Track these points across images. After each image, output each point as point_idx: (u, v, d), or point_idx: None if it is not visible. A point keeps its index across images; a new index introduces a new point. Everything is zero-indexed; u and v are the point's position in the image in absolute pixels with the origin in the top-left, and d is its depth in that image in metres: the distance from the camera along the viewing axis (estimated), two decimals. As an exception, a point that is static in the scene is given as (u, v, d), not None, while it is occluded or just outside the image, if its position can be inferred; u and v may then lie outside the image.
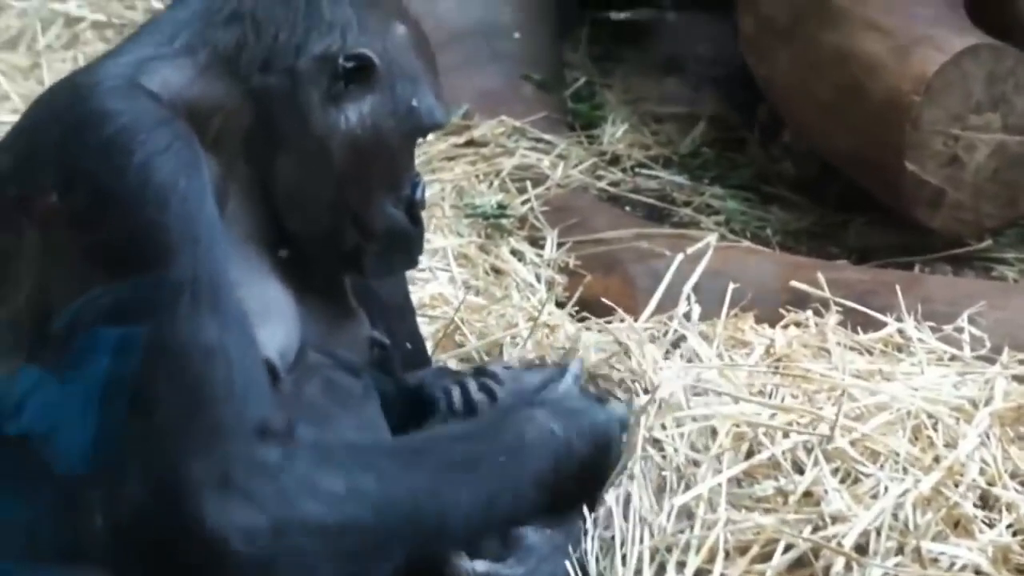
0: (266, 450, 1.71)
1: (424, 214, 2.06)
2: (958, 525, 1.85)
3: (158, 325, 1.70)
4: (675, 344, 2.29)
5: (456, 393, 2.07)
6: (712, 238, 2.59)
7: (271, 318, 1.92)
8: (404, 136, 2.03)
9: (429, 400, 2.10)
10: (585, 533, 1.93)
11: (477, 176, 3.20)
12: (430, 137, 2.46)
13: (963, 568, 1.79)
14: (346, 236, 2.00)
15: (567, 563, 1.89)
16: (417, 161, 2.16)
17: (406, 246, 2.07)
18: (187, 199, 1.77)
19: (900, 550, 1.80)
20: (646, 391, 2.10)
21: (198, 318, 1.71)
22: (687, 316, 2.34)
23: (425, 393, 2.12)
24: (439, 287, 2.63)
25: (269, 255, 1.97)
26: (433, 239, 2.66)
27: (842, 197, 2.95)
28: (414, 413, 2.11)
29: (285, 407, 1.80)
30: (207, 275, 1.75)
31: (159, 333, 1.70)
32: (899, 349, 2.22)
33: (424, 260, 2.32)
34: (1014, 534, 1.84)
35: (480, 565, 1.85)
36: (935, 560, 1.79)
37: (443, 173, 3.06)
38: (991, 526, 1.85)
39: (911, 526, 1.82)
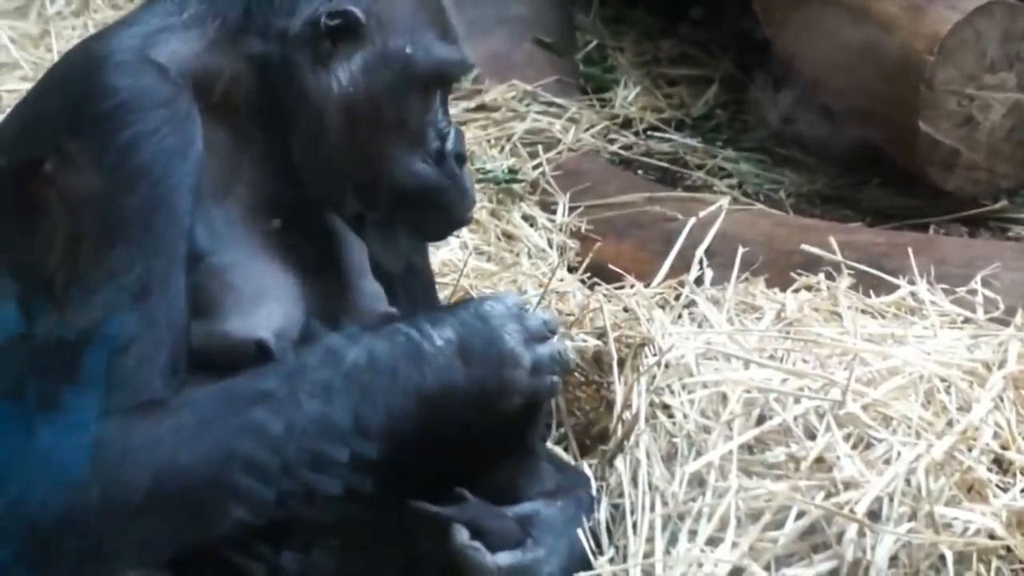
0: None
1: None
2: (972, 490, 1.85)
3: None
4: (687, 308, 2.28)
5: None
6: (724, 201, 2.59)
7: (269, 298, 1.92)
8: (409, 87, 1.99)
9: None
10: (596, 502, 1.93)
11: (488, 141, 3.20)
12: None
13: (977, 533, 1.78)
14: (374, 201, 1.99)
15: (581, 535, 1.88)
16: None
17: (444, 203, 2.03)
18: (158, 185, 1.79)
19: (913, 515, 1.79)
20: (652, 355, 2.09)
21: (121, 303, 1.74)
22: (698, 281, 2.34)
23: None
24: (449, 253, 2.63)
25: (281, 229, 1.96)
26: None
27: (856, 158, 2.92)
28: None
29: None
30: (147, 266, 1.76)
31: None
32: (912, 312, 2.21)
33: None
34: None
35: (503, 557, 1.84)
36: (948, 525, 1.78)
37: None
38: (1005, 490, 1.85)
39: (924, 491, 1.81)
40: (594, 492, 1.95)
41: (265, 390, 1.76)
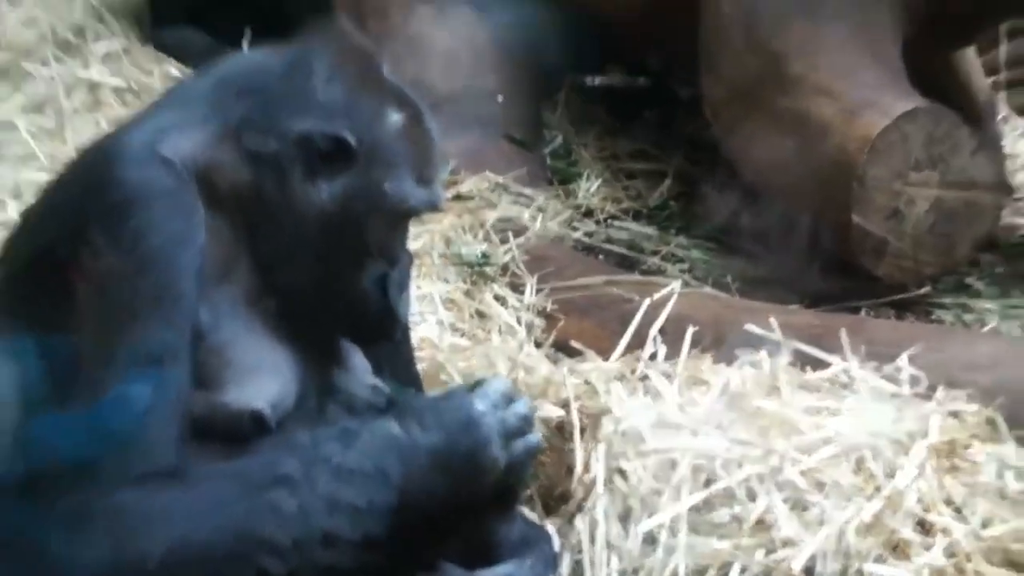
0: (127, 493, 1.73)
1: (416, 262, 2.08)
2: (897, 548, 1.88)
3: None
4: (641, 381, 2.30)
5: None
6: (676, 285, 2.60)
7: (265, 372, 1.92)
8: (377, 218, 2.01)
9: None
10: (559, 558, 1.93)
11: (463, 227, 3.19)
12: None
13: None
14: (326, 303, 2.01)
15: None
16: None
17: (375, 323, 2.04)
18: (164, 270, 1.81)
19: (844, 572, 1.83)
20: (609, 425, 2.11)
21: (133, 378, 1.75)
22: (652, 357, 2.37)
23: None
24: (427, 330, 2.62)
25: (271, 309, 1.98)
26: (422, 285, 2.69)
27: (795, 247, 2.95)
28: None
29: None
30: (156, 343, 1.78)
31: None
32: (844, 387, 2.24)
33: (414, 305, 2.34)
34: (949, 556, 1.86)
35: None
36: None
37: (432, 224, 3.06)
38: (927, 549, 1.87)
39: (853, 550, 1.85)
40: (557, 549, 1.93)
41: (282, 474, 1.77)
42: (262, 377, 1.92)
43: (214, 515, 1.73)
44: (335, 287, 2.01)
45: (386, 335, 2.09)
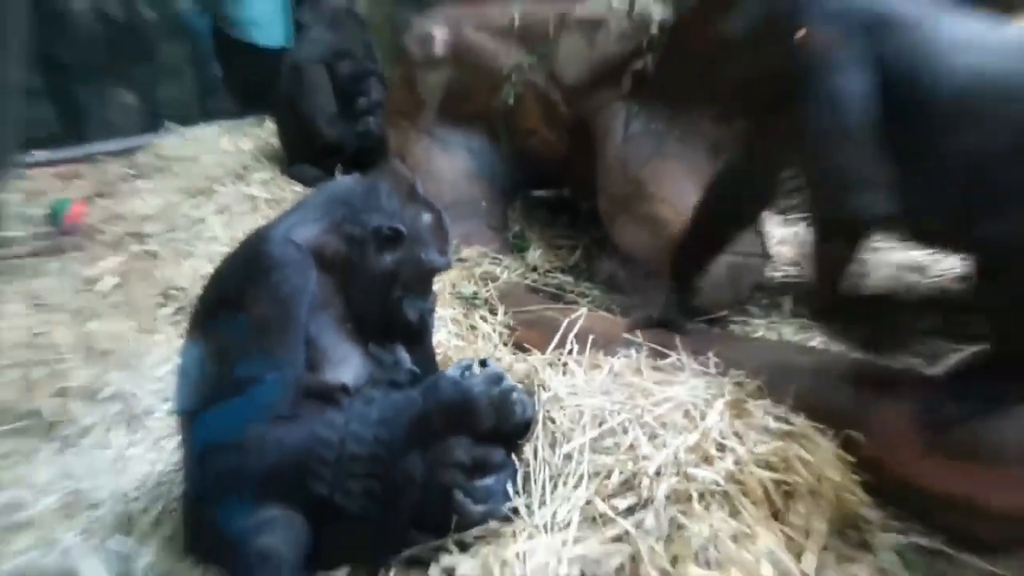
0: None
1: (436, 298, 2.12)
2: (707, 460, 1.87)
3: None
4: (564, 366, 2.28)
5: None
6: (583, 311, 2.56)
7: (347, 362, 1.93)
8: (417, 274, 2.03)
9: None
10: (516, 471, 1.92)
11: (463, 277, 3.18)
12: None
13: (708, 482, 1.81)
14: (384, 321, 2.00)
15: (508, 483, 1.88)
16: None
17: (417, 334, 2.07)
18: (290, 305, 1.83)
19: (677, 474, 1.82)
20: (545, 391, 2.09)
21: (274, 374, 1.79)
22: (569, 352, 2.35)
23: None
24: (441, 337, 2.62)
25: (353, 328, 1.97)
26: (439, 311, 2.63)
27: (650, 289, 2.91)
28: None
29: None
30: (285, 347, 1.82)
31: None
32: (677, 369, 2.21)
33: (436, 321, 2.35)
34: (735, 464, 1.86)
35: (480, 507, 1.83)
36: (694, 479, 1.81)
37: (445, 276, 3.05)
38: (723, 460, 1.87)
39: (683, 461, 1.84)
40: (517, 467, 1.92)
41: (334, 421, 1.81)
42: (345, 365, 1.93)
43: (301, 438, 1.78)
44: (391, 312, 2.00)
45: (420, 340, 2.10)
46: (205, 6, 5.90)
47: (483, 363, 1.97)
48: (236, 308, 1.86)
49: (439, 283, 2.97)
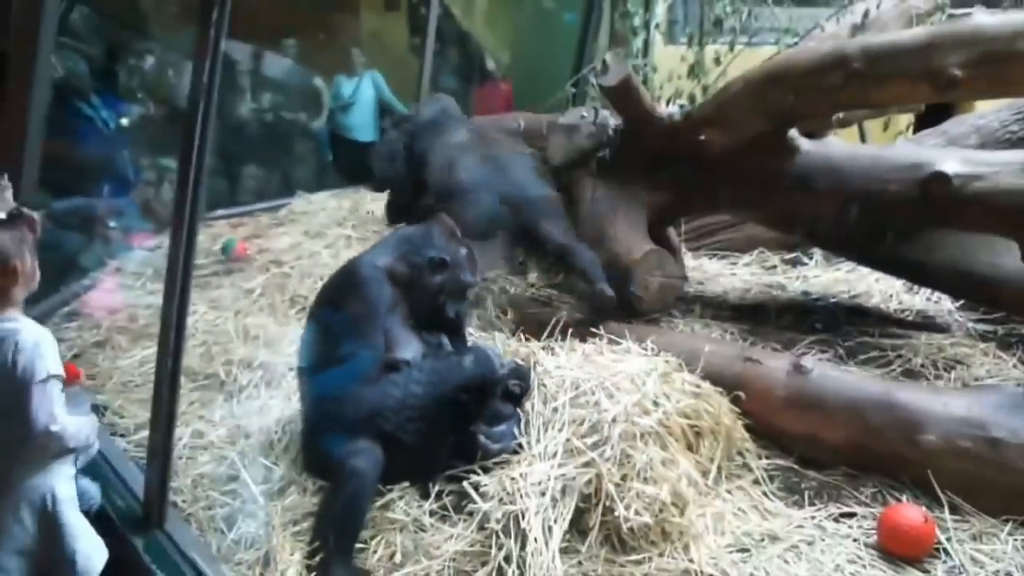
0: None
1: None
2: (647, 413, 1.83)
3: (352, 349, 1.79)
4: (551, 350, 2.21)
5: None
6: (564, 313, 2.54)
7: (409, 345, 1.90)
8: (456, 288, 1.99)
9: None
10: (520, 419, 1.87)
11: (486, 291, 3.02)
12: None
13: (647, 427, 1.77)
14: (434, 319, 1.96)
15: (516, 428, 1.84)
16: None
17: (459, 324, 2.03)
18: (374, 309, 1.82)
19: (626, 420, 1.77)
20: (538, 368, 2.03)
21: (362, 351, 1.77)
22: (556, 340, 2.27)
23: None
24: (469, 329, 2.50)
25: (413, 323, 1.94)
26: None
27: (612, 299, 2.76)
28: None
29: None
30: (372, 336, 1.80)
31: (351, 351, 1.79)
32: (627, 352, 2.15)
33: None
34: (663, 415, 1.82)
35: (495, 446, 1.79)
36: (637, 424, 1.77)
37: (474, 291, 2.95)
38: (656, 412, 1.83)
39: (630, 412, 1.80)
40: (521, 415, 1.88)
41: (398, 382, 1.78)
42: (408, 347, 1.89)
43: (378, 394, 1.76)
44: (438, 312, 1.95)
45: (458, 331, 2.05)
46: (325, 118, 6.22)
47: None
48: (338, 309, 1.87)
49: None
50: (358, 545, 1.65)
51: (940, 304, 2.79)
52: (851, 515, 1.76)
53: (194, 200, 1.60)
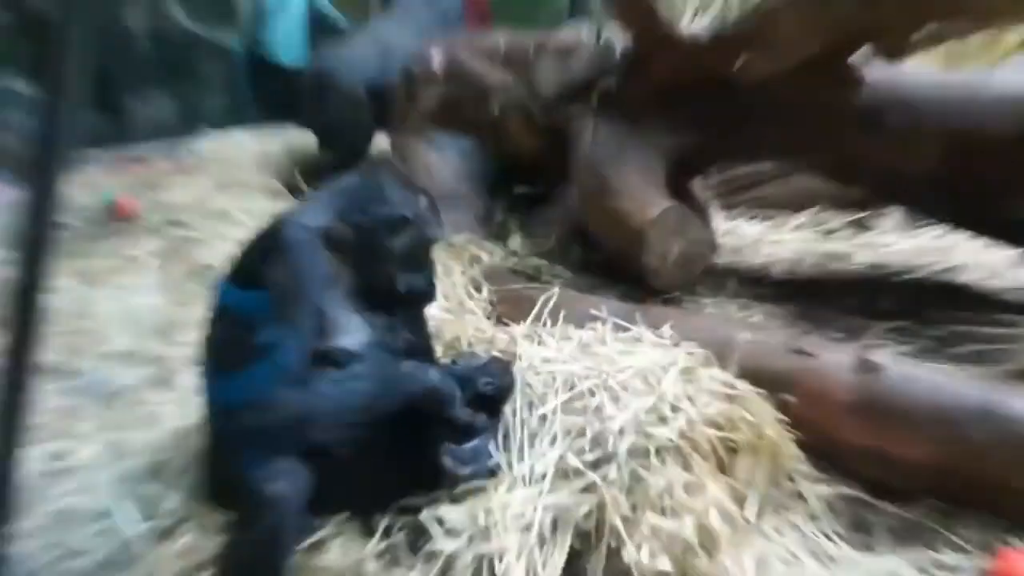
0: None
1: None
2: (663, 420, 1.81)
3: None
4: (538, 337, 2.22)
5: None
6: (556, 289, 2.49)
7: (353, 331, 1.86)
8: (424, 248, 1.99)
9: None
10: (497, 431, 1.87)
11: (452, 259, 3.09)
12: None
13: (664, 439, 1.76)
14: (395, 291, 1.94)
15: (491, 443, 1.84)
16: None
17: (426, 295, 2.01)
18: (306, 284, 1.79)
19: (637, 432, 1.77)
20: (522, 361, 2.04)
21: (288, 340, 1.73)
22: (544, 325, 2.29)
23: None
24: (432, 311, 2.50)
25: (357, 301, 1.90)
26: None
27: (615, 271, 2.88)
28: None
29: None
30: (302, 317, 1.77)
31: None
32: (637, 340, 2.15)
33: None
34: (687, 423, 1.81)
35: (465, 469, 1.79)
36: (652, 435, 1.76)
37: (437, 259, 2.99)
38: (676, 420, 1.82)
39: (642, 421, 1.79)
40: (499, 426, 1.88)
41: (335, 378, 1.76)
42: (350, 333, 1.86)
43: (307, 396, 1.74)
44: (393, 286, 1.94)
45: (429, 301, 2.06)
46: (241, 33, 6.05)
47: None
48: (257, 284, 1.82)
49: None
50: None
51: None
52: (944, 566, 1.70)
53: (57, 137, 1.52)
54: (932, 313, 2.54)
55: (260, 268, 1.83)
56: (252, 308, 1.79)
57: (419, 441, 1.80)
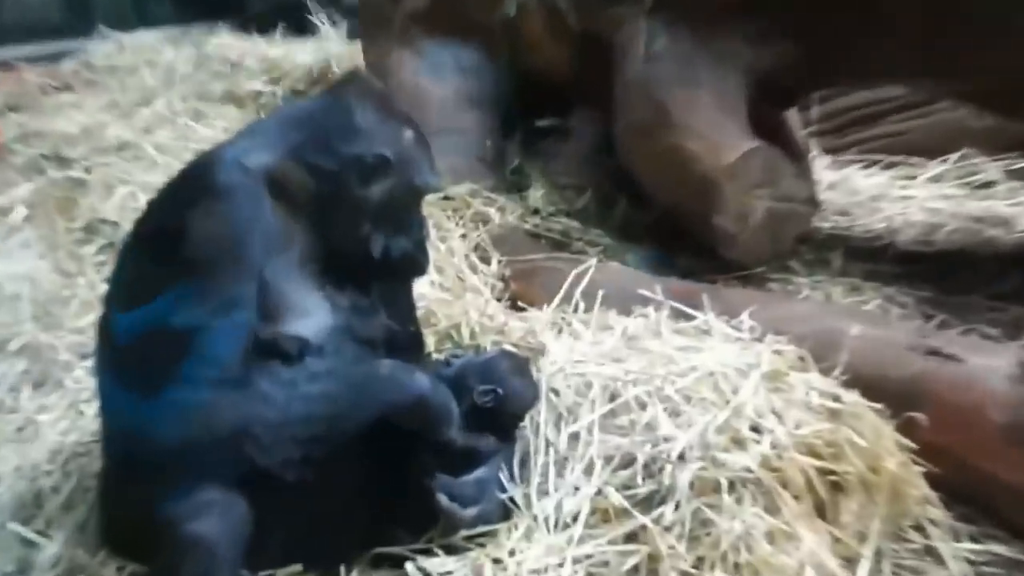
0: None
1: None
2: (739, 443, 1.84)
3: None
4: (568, 326, 2.27)
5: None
6: (593, 261, 2.55)
7: (310, 312, 1.88)
8: (412, 199, 2.01)
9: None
10: (511, 456, 1.91)
11: (448, 218, 3.14)
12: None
13: (740, 469, 1.78)
14: (370, 258, 1.96)
15: (502, 472, 1.87)
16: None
17: (415, 263, 2.04)
18: (243, 245, 1.80)
19: (704, 458, 1.79)
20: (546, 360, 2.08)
21: (217, 323, 1.74)
22: (576, 310, 2.34)
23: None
24: (423, 287, 2.56)
25: (316, 271, 1.93)
26: None
27: (673, 236, 2.96)
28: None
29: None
30: (232, 289, 1.77)
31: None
32: (705, 333, 2.19)
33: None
34: (772, 448, 1.83)
35: (470, 511, 1.82)
36: (724, 464, 1.78)
37: (427, 214, 3.05)
38: (758, 443, 1.83)
39: (711, 443, 1.81)
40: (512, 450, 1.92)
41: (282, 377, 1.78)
42: (306, 315, 1.88)
43: (243, 400, 1.75)
44: (370, 250, 1.97)
45: (422, 269, 2.08)
46: None
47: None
48: (174, 244, 1.80)
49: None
50: None
51: None
52: None
53: None
54: None
55: (178, 224, 1.81)
56: (169, 279, 1.77)
57: (401, 467, 1.81)
